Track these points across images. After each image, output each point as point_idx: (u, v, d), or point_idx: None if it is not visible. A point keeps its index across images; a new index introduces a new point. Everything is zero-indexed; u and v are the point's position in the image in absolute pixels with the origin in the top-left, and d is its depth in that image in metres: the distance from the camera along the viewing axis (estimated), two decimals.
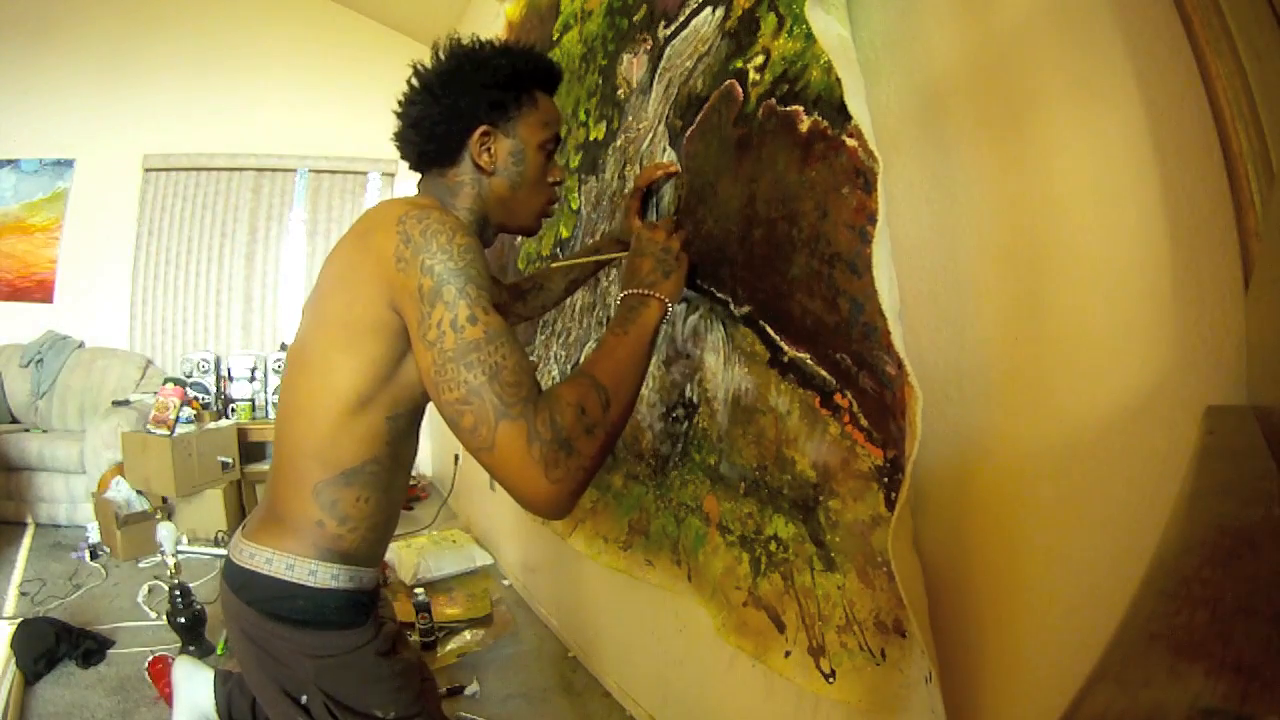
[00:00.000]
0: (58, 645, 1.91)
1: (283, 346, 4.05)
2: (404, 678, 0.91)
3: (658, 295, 0.93)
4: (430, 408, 0.86)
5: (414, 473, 4.09)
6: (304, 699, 0.87)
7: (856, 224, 0.86)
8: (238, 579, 0.86)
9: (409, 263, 0.75)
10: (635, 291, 0.94)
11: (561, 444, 0.71)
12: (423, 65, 0.94)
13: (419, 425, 0.93)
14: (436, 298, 0.74)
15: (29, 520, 3.16)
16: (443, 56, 0.94)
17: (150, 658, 1.87)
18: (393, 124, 0.97)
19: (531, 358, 2.08)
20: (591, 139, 1.67)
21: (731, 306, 1.12)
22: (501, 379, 0.71)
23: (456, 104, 0.91)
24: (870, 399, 0.87)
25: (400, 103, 0.95)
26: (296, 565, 0.83)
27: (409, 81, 0.95)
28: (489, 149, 0.93)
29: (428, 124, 0.92)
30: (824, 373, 0.94)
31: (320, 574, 0.84)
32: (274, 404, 3.73)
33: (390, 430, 0.86)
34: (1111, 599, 0.66)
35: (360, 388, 0.82)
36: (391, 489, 0.90)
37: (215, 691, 1.46)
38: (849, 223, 0.87)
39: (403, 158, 0.99)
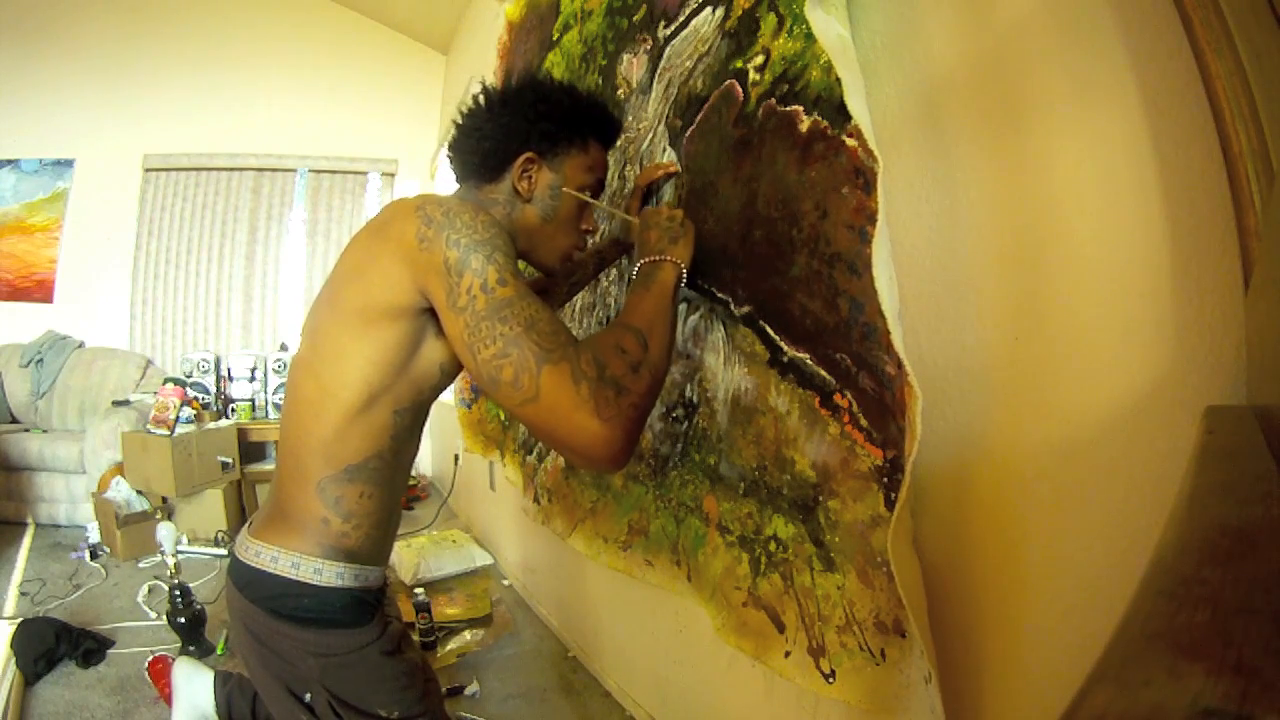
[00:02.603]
0: (58, 645, 1.91)
1: (283, 346, 4.05)
2: (409, 677, 0.91)
3: (669, 258, 0.96)
4: (434, 407, 0.86)
5: (414, 473, 4.10)
6: (308, 697, 0.87)
7: (856, 224, 0.86)
8: (243, 576, 0.86)
9: (432, 241, 0.75)
10: (647, 260, 0.96)
11: (609, 381, 0.69)
12: (493, 86, 0.99)
13: (423, 424, 0.94)
14: (464, 266, 0.74)
15: (29, 520, 3.16)
16: (513, 81, 0.98)
17: (150, 658, 1.87)
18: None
19: None
20: None
21: (731, 306, 1.12)
22: (539, 328, 0.70)
23: (510, 124, 0.93)
24: (870, 399, 0.87)
25: (460, 113, 0.98)
26: (302, 564, 0.83)
27: (474, 96, 0.98)
28: (530, 176, 0.94)
29: (477, 137, 0.95)
30: (824, 373, 0.94)
31: (326, 572, 0.84)
32: (274, 404, 3.73)
33: (395, 425, 0.86)
34: (1111, 599, 0.66)
35: (371, 378, 0.82)
36: (394, 485, 0.91)
37: (215, 692, 1.46)
38: (849, 223, 0.87)
39: (452, 168, 1.01)
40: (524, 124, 0.93)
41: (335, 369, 0.82)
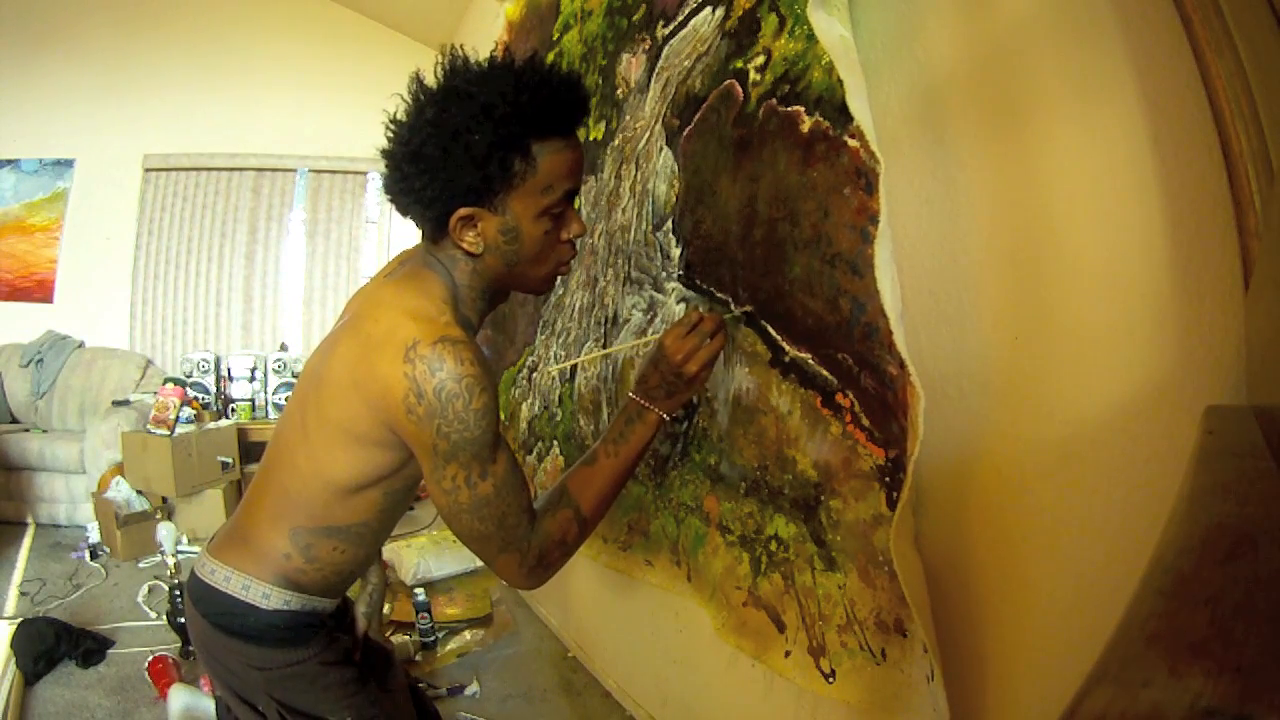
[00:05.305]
0: (58, 645, 1.91)
1: (283, 346, 4.04)
2: (358, 683, 0.92)
3: (657, 410, 0.91)
4: None
5: None
6: (260, 705, 0.89)
7: (858, 224, 0.86)
8: (196, 591, 0.88)
9: (422, 421, 0.74)
10: (637, 400, 0.91)
11: (544, 566, 0.85)
12: (398, 117, 0.79)
13: (415, 491, 0.92)
14: (452, 459, 0.76)
15: (29, 520, 3.16)
16: (415, 115, 0.78)
17: (150, 658, 1.87)
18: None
19: (531, 357, 2.08)
20: (591, 139, 1.67)
21: (732, 306, 1.13)
22: (506, 524, 0.81)
23: (425, 190, 0.77)
24: (872, 399, 0.87)
25: (386, 136, 0.81)
26: (252, 587, 0.85)
27: (385, 133, 0.80)
28: (472, 230, 0.80)
29: (402, 201, 0.81)
30: (825, 372, 0.94)
31: (273, 598, 0.85)
32: (275, 404, 3.72)
33: (387, 501, 0.87)
34: (1111, 599, 0.66)
35: (359, 479, 0.83)
36: (374, 545, 0.92)
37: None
38: (850, 223, 0.87)
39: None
40: (441, 186, 0.77)
41: (327, 457, 0.82)
